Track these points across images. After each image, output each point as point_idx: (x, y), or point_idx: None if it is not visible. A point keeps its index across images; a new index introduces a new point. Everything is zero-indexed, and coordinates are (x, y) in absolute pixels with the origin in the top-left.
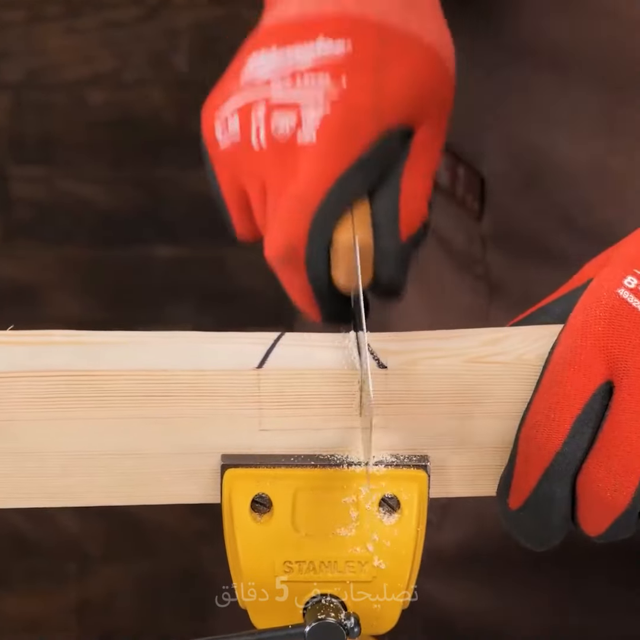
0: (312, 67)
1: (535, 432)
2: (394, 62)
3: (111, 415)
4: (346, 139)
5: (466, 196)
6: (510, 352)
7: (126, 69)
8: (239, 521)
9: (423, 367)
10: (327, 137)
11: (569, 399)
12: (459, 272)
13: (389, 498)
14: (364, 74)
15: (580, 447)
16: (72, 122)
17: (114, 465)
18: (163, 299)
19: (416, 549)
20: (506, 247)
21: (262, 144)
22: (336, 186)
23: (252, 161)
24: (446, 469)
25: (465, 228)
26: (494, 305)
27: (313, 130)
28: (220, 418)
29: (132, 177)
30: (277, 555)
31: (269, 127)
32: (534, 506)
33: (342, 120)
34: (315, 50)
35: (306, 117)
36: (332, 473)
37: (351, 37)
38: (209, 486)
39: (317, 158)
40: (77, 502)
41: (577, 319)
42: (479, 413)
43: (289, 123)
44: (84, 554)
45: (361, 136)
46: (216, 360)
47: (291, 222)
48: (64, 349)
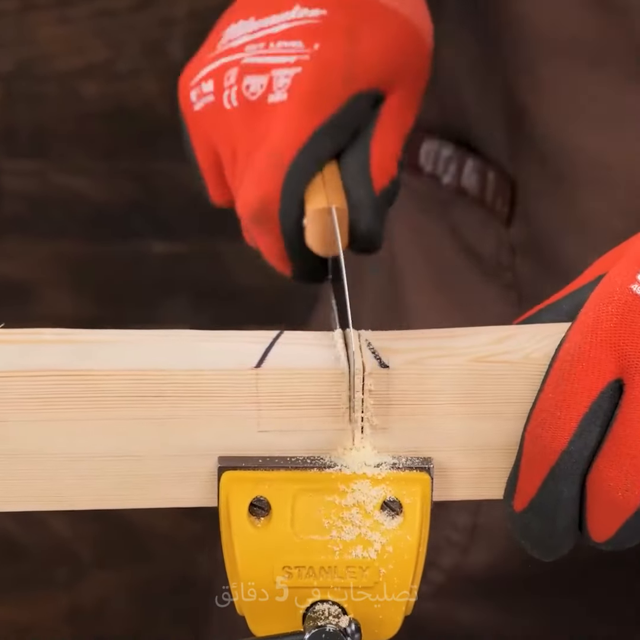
0: (286, 32)
1: (541, 430)
2: (367, 29)
3: (104, 416)
4: (317, 98)
5: (496, 200)
6: (516, 351)
7: (120, 59)
8: (237, 525)
9: (426, 366)
10: (298, 95)
11: (576, 396)
12: (487, 280)
13: (391, 501)
14: (337, 38)
15: (588, 446)
16: (65, 113)
17: (107, 468)
18: (158, 296)
19: (419, 554)
20: (536, 255)
21: (233, 104)
22: (308, 144)
23: (225, 121)
24: (450, 472)
25: (494, 234)
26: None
27: (284, 89)
28: (217, 419)
29: (127, 170)
30: (276, 561)
31: (240, 87)
32: (540, 507)
33: (314, 80)
34: (291, 17)
35: (277, 77)
36: (332, 476)
37: (326, 6)
38: (205, 489)
39: (289, 116)
40: (68, 505)
41: (587, 315)
42: (485, 414)
43: (261, 82)
44: (75, 559)
45: (332, 96)
46: (213, 360)
47: (264, 178)
48: (55, 348)
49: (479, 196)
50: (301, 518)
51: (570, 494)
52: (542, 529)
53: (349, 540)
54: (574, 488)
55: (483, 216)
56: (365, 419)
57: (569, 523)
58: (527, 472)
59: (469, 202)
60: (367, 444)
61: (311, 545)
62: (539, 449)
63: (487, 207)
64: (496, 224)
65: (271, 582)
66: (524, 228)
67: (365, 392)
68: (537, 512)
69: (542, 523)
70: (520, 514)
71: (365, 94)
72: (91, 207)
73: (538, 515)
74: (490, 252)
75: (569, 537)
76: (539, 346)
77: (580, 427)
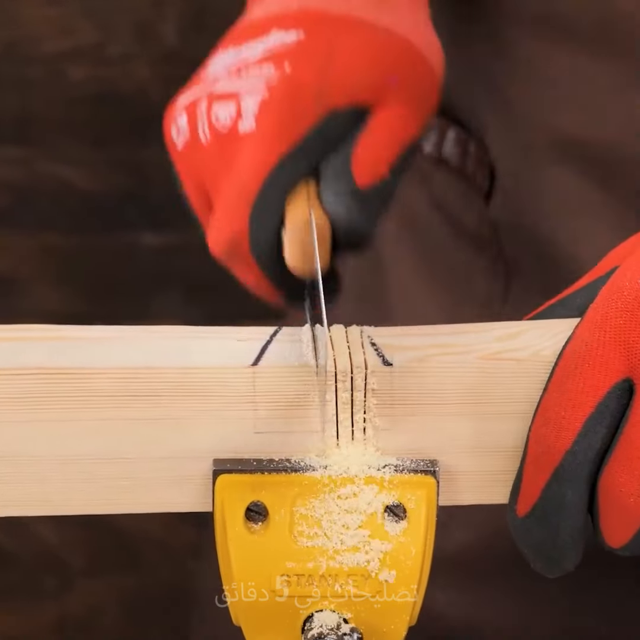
0: (259, 59)
1: (545, 430)
2: (343, 45)
3: (93, 416)
4: (285, 122)
5: (476, 173)
6: (526, 349)
7: (110, 42)
8: (233, 531)
9: (432, 364)
10: (265, 122)
11: (581, 395)
12: (473, 252)
13: (395, 506)
14: (309, 58)
15: (593, 447)
16: (52, 98)
17: (96, 471)
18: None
19: (424, 562)
20: (516, 232)
21: (207, 138)
22: (275, 172)
23: (202, 158)
24: (457, 475)
25: (476, 208)
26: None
27: (252, 117)
28: (211, 420)
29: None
30: (274, 568)
31: (209, 118)
32: (542, 511)
33: (281, 104)
34: (267, 43)
35: (245, 105)
36: (333, 479)
37: (304, 27)
38: (199, 493)
39: (256, 145)
40: (56, 510)
41: (596, 311)
42: (493, 414)
43: (229, 113)
44: (63, 567)
45: (302, 118)
46: (207, 357)
47: (230, 215)
48: (42, 345)
49: (459, 168)
50: (300, 524)
51: (574, 498)
52: (544, 536)
53: (351, 547)
54: (578, 491)
55: (464, 189)
56: (367, 419)
57: (572, 532)
58: (530, 474)
59: (450, 173)
60: (370, 445)
61: (311, 552)
62: (542, 449)
63: (468, 180)
64: (477, 198)
65: (269, 590)
66: (504, 204)
67: (368, 392)
68: (539, 517)
69: (545, 529)
70: (523, 519)
71: (342, 110)
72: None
73: (540, 520)
74: (473, 225)
75: (573, 548)
76: (549, 343)
77: (585, 427)
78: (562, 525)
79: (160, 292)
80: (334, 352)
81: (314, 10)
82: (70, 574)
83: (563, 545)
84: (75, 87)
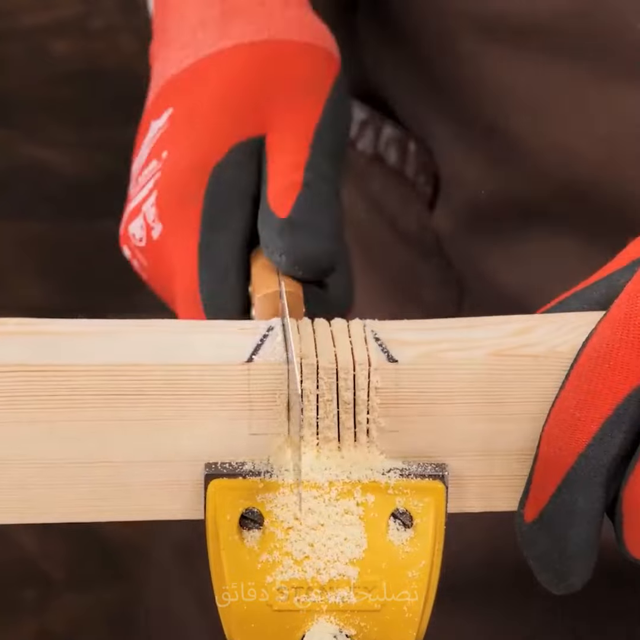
0: (146, 158)
1: (558, 431)
2: (204, 93)
3: (75, 417)
4: (180, 211)
5: (417, 177)
6: (541, 344)
7: (93, 14)
8: (226, 540)
9: (440, 360)
10: (165, 219)
11: (599, 397)
12: (417, 257)
13: (401, 513)
14: (178, 130)
15: (608, 453)
16: (31, 76)
17: (79, 476)
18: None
19: (432, 574)
20: (462, 248)
21: (143, 262)
22: (199, 264)
23: (149, 277)
24: (467, 480)
25: (416, 214)
26: (465, 300)
27: (157, 220)
28: (203, 420)
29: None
30: (270, 579)
31: (134, 245)
32: (551, 517)
33: (169, 196)
34: (149, 138)
35: (147, 212)
36: (335, 484)
37: (171, 102)
38: (190, 499)
39: (174, 242)
40: (36, 518)
41: (620, 308)
42: (506, 414)
43: (140, 224)
44: (44, 578)
45: (193, 195)
46: (198, 354)
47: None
48: (20, 340)
49: (398, 169)
50: (298, 532)
51: (585, 505)
52: (551, 545)
53: (353, 557)
54: (590, 499)
55: (403, 192)
56: (371, 420)
57: (582, 543)
58: (540, 478)
59: (388, 173)
60: (374, 448)
61: (310, 562)
62: (555, 451)
63: (408, 183)
64: (418, 204)
65: (265, 603)
66: (447, 217)
67: (371, 390)
68: (547, 524)
69: (552, 537)
70: (530, 525)
71: (230, 159)
72: (61, 182)
73: (548, 527)
74: (413, 230)
75: (582, 562)
76: (566, 338)
77: (601, 431)
78: (571, 534)
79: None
80: (335, 348)
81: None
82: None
83: (571, 556)
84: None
